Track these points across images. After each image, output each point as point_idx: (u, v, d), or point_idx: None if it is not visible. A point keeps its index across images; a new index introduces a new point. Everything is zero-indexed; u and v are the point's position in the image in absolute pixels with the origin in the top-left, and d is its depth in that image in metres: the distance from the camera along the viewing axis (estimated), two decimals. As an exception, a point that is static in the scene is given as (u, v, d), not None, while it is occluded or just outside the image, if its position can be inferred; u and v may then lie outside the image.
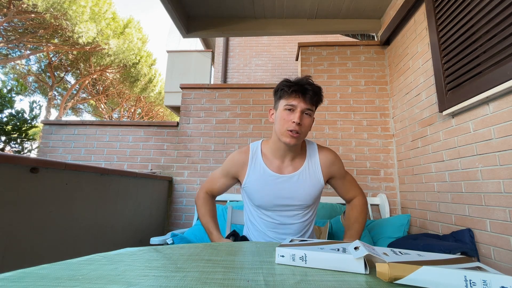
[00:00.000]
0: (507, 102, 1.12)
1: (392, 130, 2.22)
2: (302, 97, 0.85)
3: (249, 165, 0.95)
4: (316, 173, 0.94)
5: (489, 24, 1.19)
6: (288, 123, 0.85)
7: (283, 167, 0.94)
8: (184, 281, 0.39)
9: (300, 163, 0.95)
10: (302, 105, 0.85)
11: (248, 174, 0.94)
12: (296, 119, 0.83)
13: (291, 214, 0.94)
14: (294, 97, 0.85)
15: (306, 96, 0.84)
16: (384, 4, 2.27)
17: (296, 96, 0.85)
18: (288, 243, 0.55)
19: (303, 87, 0.85)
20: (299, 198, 0.92)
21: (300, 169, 0.93)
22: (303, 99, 0.85)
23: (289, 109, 0.86)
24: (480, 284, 0.33)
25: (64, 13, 8.30)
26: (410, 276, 0.36)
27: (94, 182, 1.31)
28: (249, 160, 0.96)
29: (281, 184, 0.92)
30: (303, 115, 0.86)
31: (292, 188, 0.92)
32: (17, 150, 4.57)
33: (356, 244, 0.45)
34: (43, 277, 0.39)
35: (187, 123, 2.39)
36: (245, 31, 2.55)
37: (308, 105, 0.85)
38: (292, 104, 0.85)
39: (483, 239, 1.25)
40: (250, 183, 0.94)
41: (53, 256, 1.04)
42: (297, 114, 0.84)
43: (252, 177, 0.94)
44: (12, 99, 4.67)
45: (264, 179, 0.92)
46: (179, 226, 2.20)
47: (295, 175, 0.92)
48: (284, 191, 0.91)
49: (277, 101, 0.92)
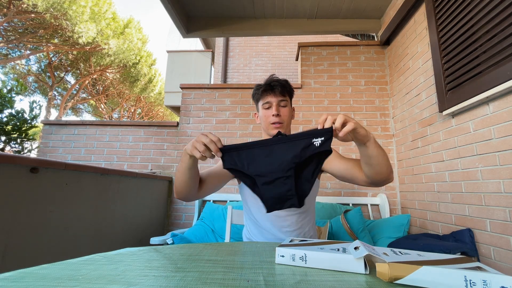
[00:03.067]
0: (507, 102, 1.12)
1: (392, 130, 2.22)
2: (272, 92, 0.97)
3: None
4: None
5: (489, 24, 1.19)
6: (269, 118, 0.96)
7: None
8: (184, 281, 0.39)
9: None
10: (275, 99, 0.97)
11: None
12: (274, 112, 0.95)
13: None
14: (266, 95, 0.98)
15: (275, 91, 0.97)
16: (384, 4, 2.27)
17: (268, 94, 0.97)
18: (288, 243, 0.55)
19: (270, 85, 0.97)
20: None
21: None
22: (274, 94, 0.97)
23: (267, 107, 0.98)
24: (480, 284, 0.33)
25: (64, 13, 8.30)
26: (410, 276, 0.36)
27: (94, 182, 1.31)
28: None
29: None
30: (279, 107, 0.97)
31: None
32: (17, 150, 4.57)
33: (356, 244, 0.45)
34: (43, 277, 0.39)
35: (187, 123, 2.39)
36: (245, 31, 2.55)
37: (280, 97, 0.97)
38: (267, 101, 0.97)
39: (483, 239, 1.25)
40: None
41: (53, 256, 1.04)
42: (274, 108, 0.96)
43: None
44: (12, 99, 4.67)
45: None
46: (179, 226, 2.20)
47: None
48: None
49: (256, 104, 1.05)
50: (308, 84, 2.39)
